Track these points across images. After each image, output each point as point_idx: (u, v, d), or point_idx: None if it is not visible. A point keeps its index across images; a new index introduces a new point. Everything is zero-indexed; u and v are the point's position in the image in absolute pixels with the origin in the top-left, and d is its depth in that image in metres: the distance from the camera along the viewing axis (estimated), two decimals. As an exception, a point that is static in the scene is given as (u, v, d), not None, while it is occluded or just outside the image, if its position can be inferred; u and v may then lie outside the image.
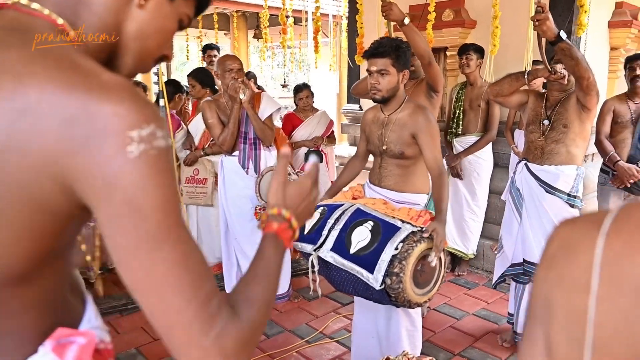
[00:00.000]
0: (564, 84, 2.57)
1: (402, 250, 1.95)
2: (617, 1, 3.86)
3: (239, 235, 3.22)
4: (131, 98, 0.53)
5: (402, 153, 2.26)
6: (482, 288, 3.68)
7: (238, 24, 8.63)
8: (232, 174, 3.16)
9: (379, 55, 2.14)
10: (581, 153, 2.64)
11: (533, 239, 2.67)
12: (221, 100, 3.10)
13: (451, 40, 4.11)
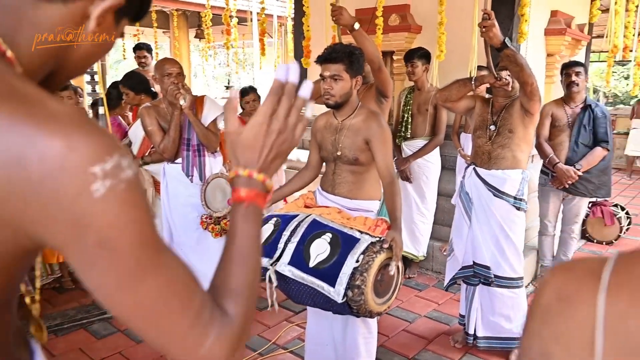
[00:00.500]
0: (508, 90, 2.65)
1: (362, 262, 1.93)
2: (552, 10, 4.05)
3: (184, 246, 3.08)
4: (86, 128, 0.48)
5: (356, 159, 2.25)
6: (433, 289, 3.74)
7: (178, 23, 8.31)
8: (175, 182, 3.04)
9: (332, 60, 2.13)
10: (526, 157, 2.73)
11: (482, 241, 2.74)
12: (161, 105, 2.96)
13: (398, 45, 4.15)
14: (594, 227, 4.72)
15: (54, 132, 0.46)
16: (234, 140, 0.67)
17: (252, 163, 0.66)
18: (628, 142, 7.85)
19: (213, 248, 3.06)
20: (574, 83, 3.40)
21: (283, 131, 0.66)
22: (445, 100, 2.78)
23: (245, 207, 0.66)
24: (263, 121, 0.66)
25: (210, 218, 2.98)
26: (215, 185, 2.97)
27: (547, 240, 3.78)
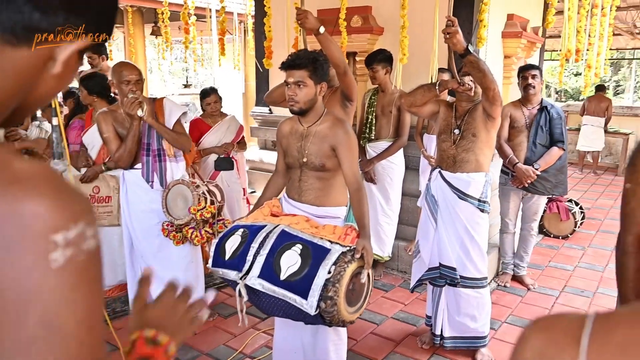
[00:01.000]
0: (471, 95, 2.71)
1: (334, 273, 1.91)
2: (509, 13, 4.15)
3: (145, 252, 2.99)
4: (53, 191, 0.45)
5: (322, 165, 2.23)
6: (399, 289, 3.78)
7: (133, 20, 7.99)
8: (135, 187, 2.94)
9: (296, 67, 2.13)
10: (489, 160, 2.79)
11: (448, 243, 2.78)
12: (119, 111, 2.85)
13: (360, 46, 4.15)
14: (551, 222, 4.91)
15: (16, 198, 0.43)
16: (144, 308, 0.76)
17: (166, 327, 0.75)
18: (579, 138, 8.17)
19: (175, 255, 3.00)
20: (530, 86, 3.50)
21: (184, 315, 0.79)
22: (411, 105, 2.81)
23: None
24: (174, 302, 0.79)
25: (171, 225, 2.91)
26: (177, 191, 2.88)
27: (508, 238, 3.88)
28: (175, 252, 2.97)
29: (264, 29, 4.00)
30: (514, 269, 3.90)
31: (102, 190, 3.46)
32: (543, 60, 5.56)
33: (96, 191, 3.44)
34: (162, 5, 5.18)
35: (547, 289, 3.80)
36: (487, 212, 2.77)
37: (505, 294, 3.71)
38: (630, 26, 8.98)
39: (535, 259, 4.29)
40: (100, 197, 3.45)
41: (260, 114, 5.11)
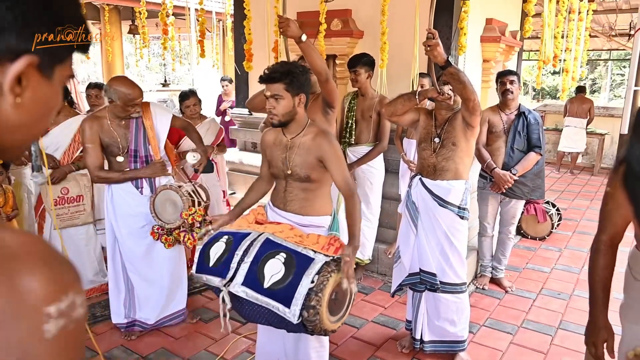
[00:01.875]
0: (450, 104, 2.73)
1: (318, 282, 1.92)
2: (487, 18, 4.19)
3: (131, 255, 3.00)
4: (45, 265, 0.47)
5: (308, 177, 2.24)
6: (379, 292, 3.79)
7: (110, 18, 7.84)
8: (121, 192, 2.94)
9: (271, 80, 2.14)
10: (468, 168, 2.82)
11: (428, 249, 2.80)
12: (105, 120, 2.86)
13: (340, 49, 4.14)
14: (528, 223, 4.98)
15: (11, 275, 0.45)
16: None
17: None
18: (561, 139, 8.28)
19: (160, 256, 3.02)
20: (508, 91, 3.53)
21: None
22: (391, 114, 2.83)
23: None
24: None
25: (162, 229, 2.92)
26: (165, 196, 2.90)
27: (486, 241, 3.93)
28: (161, 254, 3.00)
29: (243, 31, 3.97)
30: (492, 271, 3.95)
31: (72, 190, 3.45)
32: (521, 61, 5.63)
33: (65, 192, 3.43)
34: (140, 5, 5.09)
35: (525, 292, 3.86)
36: (466, 219, 2.80)
37: (484, 297, 3.75)
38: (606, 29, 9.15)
39: (513, 261, 4.36)
40: (71, 197, 3.43)
41: (239, 115, 5.07)
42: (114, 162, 2.93)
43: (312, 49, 2.59)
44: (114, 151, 2.89)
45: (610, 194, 1.61)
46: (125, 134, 2.90)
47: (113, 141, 2.86)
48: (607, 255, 1.64)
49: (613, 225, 1.62)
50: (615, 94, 19.52)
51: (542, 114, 9.54)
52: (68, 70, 0.60)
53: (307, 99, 2.23)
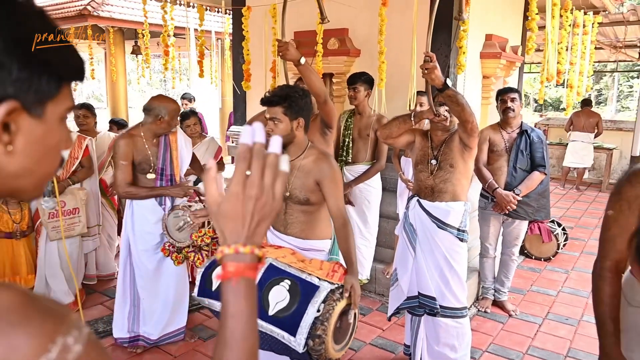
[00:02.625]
0: (447, 125, 2.69)
1: (323, 311, 1.93)
2: (487, 34, 4.13)
3: (143, 269, 3.05)
4: (25, 317, 0.46)
5: (307, 199, 2.26)
6: (377, 313, 3.69)
7: (115, 39, 8.03)
8: (144, 210, 3.04)
9: (271, 104, 2.19)
10: (466, 190, 2.76)
11: (427, 272, 2.73)
12: (139, 138, 2.97)
13: (337, 68, 4.11)
14: (532, 243, 4.86)
15: None
16: (215, 211, 0.65)
17: (237, 236, 0.64)
18: (567, 154, 8.05)
19: (170, 272, 3.10)
20: (509, 109, 3.46)
21: (261, 195, 0.63)
22: (387, 137, 2.80)
23: (235, 283, 0.63)
24: (238, 190, 0.62)
25: (173, 247, 3.00)
26: (178, 216, 2.98)
27: (488, 262, 3.82)
28: (169, 270, 3.09)
29: (242, 51, 3.97)
30: (495, 293, 3.83)
31: (69, 203, 3.55)
32: (523, 78, 5.56)
33: (62, 205, 3.51)
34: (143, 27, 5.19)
35: (530, 316, 3.73)
36: (466, 241, 2.73)
37: (486, 320, 3.64)
38: (613, 40, 9.05)
39: (516, 283, 4.23)
40: (68, 210, 3.54)
41: (237, 133, 5.04)
42: (144, 179, 3.01)
43: (310, 71, 2.65)
44: (145, 169, 2.98)
45: (612, 218, 1.51)
46: (156, 153, 3.01)
47: (145, 159, 2.96)
48: (613, 282, 1.52)
49: (617, 251, 1.51)
50: (622, 106, 19.24)
51: (545, 127, 9.42)
52: (65, 102, 0.57)
53: (307, 123, 2.26)
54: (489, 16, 4.14)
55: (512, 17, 4.76)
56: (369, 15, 3.91)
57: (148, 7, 5.07)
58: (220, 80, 7.72)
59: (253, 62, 3.91)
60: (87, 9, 7.55)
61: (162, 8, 4.97)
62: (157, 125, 2.92)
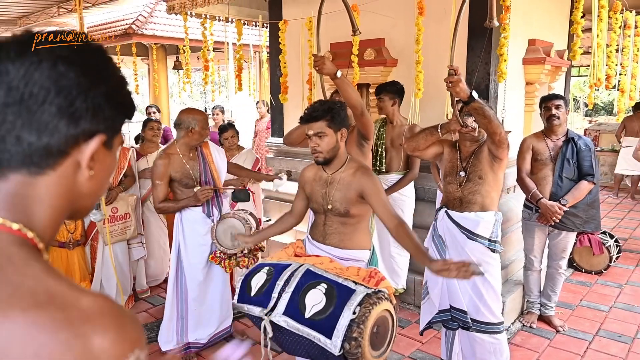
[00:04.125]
0: (475, 136, 2.64)
1: (359, 314, 1.92)
2: (530, 39, 3.99)
3: (193, 280, 3.13)
4: (114, 325, 0.52)
5: (347, 212, 2.26)
6: (415, 326, 3.60)
7: (157, 55, 8.39)
8: (193, 224, 3.11)
9: (313, 119, 2.21)
10: (496, 200, 2.71)
11: (458, 285, 2.66)
12: (176, 156, 3.04)
13: (373, 78, 4.09)
14: (582, 255, 4.62)
15: (87, 335, 0.50)
16: None
17: None
18: (619, 161, 7.61)
19: (217, 280, 3.21)
20: (554, 117, 3.32)
21: None
22: (414, 150, 2.78)
23: None
24: None
25: (223, 254, 3.08)
26: (227, 224, 3.07)
27: (533, 276, 3.66)
28: (215, 277, 3.20)
29: (278, 64, 4.02)
30: (541, 308, 3.66)
31: (121, 209, 3.77)
32: (570, 78, 5.33)
33: (114, 211, 3.74)
34: (184, 43, 5.39)
35: (579, 332, 3.54)
36: (498, 252, 2.67)
37: (532, 336, 3.48)
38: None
39: (564, 297, 4.03)
40: (120, 215, 3.76)
41: (275, 144, 5.10)
42: (190, 192, 3.06)
43: (346, 83, 2.67)
44: (188, 183, 3.04)
45: None
46: (195, 166, 3.08)
47: (186, 174, 3.03)
48: None
49: None
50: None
51: (596, 134, 8.99)
52: (120, 137, 0.69)
53: (347, 134, 2.29)
54: (532, 20, 4.02)
55: (558, 20, 4.59)
56: (405, 25, 3.88)
57: (189, 23, 5.26)
58: (258, 92, 7.90)
59: (290, 74, 3.95)
60: (132, 28, 7.90)
61: (202, 24, 5.14)
62: (190, 137, 2.99)
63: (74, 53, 0.59)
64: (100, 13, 8.37)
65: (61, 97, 0.57)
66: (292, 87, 4.23)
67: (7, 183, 0.59)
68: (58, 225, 0.64)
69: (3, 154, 0.58)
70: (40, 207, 0.60)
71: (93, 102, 0.60)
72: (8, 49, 0.57)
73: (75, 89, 0.58)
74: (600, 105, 18.46)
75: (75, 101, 0.58)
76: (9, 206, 0.58)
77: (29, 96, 0.56)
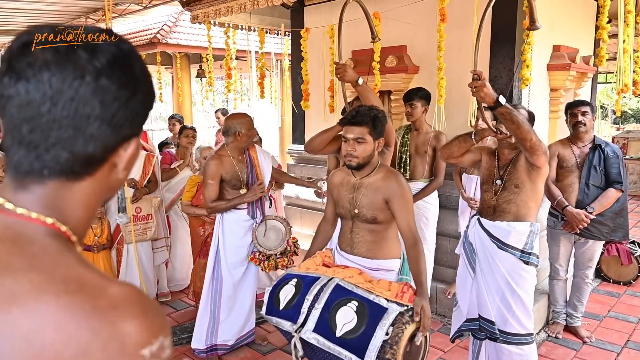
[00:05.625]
0: (512, 142, 2.53)
1: (392, 334, 1.90)
2: (555, 45, 3.94)
3: (228, 280, 3.18)
4: (140, 312, 0.54)
5: (374, 218, 2.24)
6: (438, 335, 3.56)
7: (181, 64, 8.55)
8: (234, 226, 3.18)
9: (356, 123, 2.17)
10: (534, 210, 2.58)
11: (487, 295, 2.59)
12: (227, 158, 3.12)
13: (395, 85, 4.08)
14: (610, 265, 4.50)
15: (114, 322, 0.52)
16: None
17: None
18: None
19: (249, 281, 3.28)
20: (580, 123, 3.26)
21: None
22: (448, 157, 2.71)
23: None
24: None
25: (262, 255, 3.15)
26: (270, 225, 3.16)
27: (558, 285, 3.58)
28: (248, 278, 3.27)
29: (300, 71, 4.05)
30: (567, 318, 3.58)
31: (144, 209, 3.84)
32: (596, 85, 5.23)
33: (138, 211, 3.82)
34: (207, 51, 5.47)
35: (607, 343, 3.45)
36: (533, 265, 2.54)
37: (557, 347, 3.40)
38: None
39: (592, 308, 3.94)
40: (142, 216, 3.83)
41: (296, 151, 5.13)
42: (237, 194, 3.14)
43: (368, 90, 2.67)
44: (236, 185, 3.13)
45: None
46: (243, 169, 3.16)
47: (235, 176, 3.11)
48: None
49: None
50: None
51: (624, 141, 8.79)
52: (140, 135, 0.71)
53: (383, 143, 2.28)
54: (557, 26, 3.96)
55: (583, 25, 4.52)
56: (427, 32, 3.87)
57: (212, 32, 5.34)
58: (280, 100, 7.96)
59: (311, 81, 3.98)
60: (156, 37, 8.07)
61: (225, 33, 5.21)
62: (239, 140, 3.07)
63: (113, 65, 0.60)
64: (127, 23, 8.57)
65: (105, 110, 0.59)
66: (314, 94, 4.25)
67: (43, 188, 0.60)
68: (90, 221, 0.66)
69: (45, 164, 0.59)
70: (74, 206, 0.63)
71: (132, 111, 0.62)
72: (46, 59, 0.57)
73: (118, 102, 0.60)
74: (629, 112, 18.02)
75: (117, 113, 0.60)
76: (43, 206, 0.60)
77: (75, 112, 0.58)
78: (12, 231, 0.58)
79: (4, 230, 0.58)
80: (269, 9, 4.62)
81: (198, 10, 4.72)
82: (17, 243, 0.56)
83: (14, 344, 0.49)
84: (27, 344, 0.49)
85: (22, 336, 0.49)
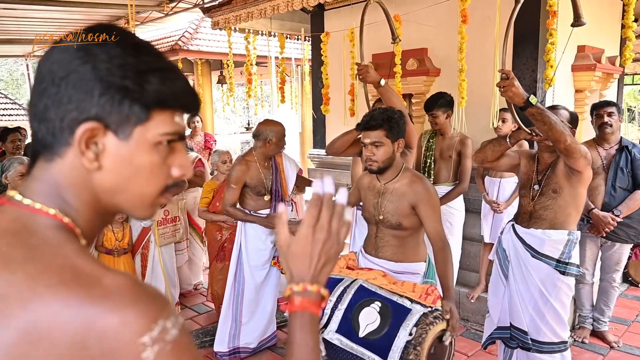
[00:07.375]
0: (550, 145, 2.40)
1: (416, 335, 1.88)
2: (579, 45, 3.88)
3: (253, 285, 3.20)
4: (135, 299, 0.53)
5: (399, 224, 2.21)
6: (461, 339, 3.52)
7: (202, 70, 8.66)
8: (255, 228, 3.18)
9: (372, 127, 2.14)
10: (573, 218, 2.46)
11: (520, 303, 2.50)
12: (254, 163, 3.14)
13: (416, 88, 4.06)
14: (638, 269, 4.39)
15: (110, 311, 0.51)
16: (285, 252, 0.73)
17: (304, 275, 0.71)
18: None
19: (270, 285, 3.29)
20: (606, 124, 3.20)
21: (328, 239, 0.71)
22: (482, 161, 2.61)
23: (300, 317, 0.70)
24: (308, 233, 0.71)
25: None
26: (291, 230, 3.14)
27: (585, 289, 3.51)
28: (269, 282, 3.29)
29: (320, 76, 4.07)
30: (594, 323, 3.51)
31: (172, 212, 3.89)
32: (623, 86, 5.12)
33: (166, 214, 3.86)
34: (228, 57, 5.52)
35: (635, 348, 3.37)
36: (571, 275, 2.40)
37: (584, 352, 3.33)
38: None
39: (619, 312, 3.85)
40: (170, 218, 3.90)
41: (317, 155, 5.14)
42: (261, 200, 3.18)
43: (390, 92, 2.63)
44: (261, 191, 3.15)
45: None
46: (269, 175, 3.18)
47: (260, 182, 3.13)
48: None
49: None
50: None
51: (651, 142, 8.59)
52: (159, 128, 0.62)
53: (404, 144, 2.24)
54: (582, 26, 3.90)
55: (609, 25, 4.44)
56: (448, 34, 3.85)
57: (232, 38, 5.40)
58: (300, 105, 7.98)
59: (332, 86, 3.99)
60: (178, 44, 8.19)
61: (245, 39, 5.27)
62: (267, 147, 3.08)
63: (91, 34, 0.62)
64: (149, 30, 8.73)
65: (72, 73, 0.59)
66: (334, 98, 4.27)
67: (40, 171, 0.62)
68: (95, 218, 0.64)
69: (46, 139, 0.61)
70: (68, 195, 0.62)
71: (76, 87, 0.59)
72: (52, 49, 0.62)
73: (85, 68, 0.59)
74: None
75: (60, 87, 0.59)
76: (45, 193, 0.61)
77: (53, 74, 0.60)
78: (19, 223, 0.58)
79: (12, 222, 0.58)
80: (289, 14, 4.66)
81: (219, 17, 4.79)
82: (19, 235, 0.57)
83: (11, 335, 0.50)
84: (24, 334, 0.50)
85: (19, 327, 0.50)
